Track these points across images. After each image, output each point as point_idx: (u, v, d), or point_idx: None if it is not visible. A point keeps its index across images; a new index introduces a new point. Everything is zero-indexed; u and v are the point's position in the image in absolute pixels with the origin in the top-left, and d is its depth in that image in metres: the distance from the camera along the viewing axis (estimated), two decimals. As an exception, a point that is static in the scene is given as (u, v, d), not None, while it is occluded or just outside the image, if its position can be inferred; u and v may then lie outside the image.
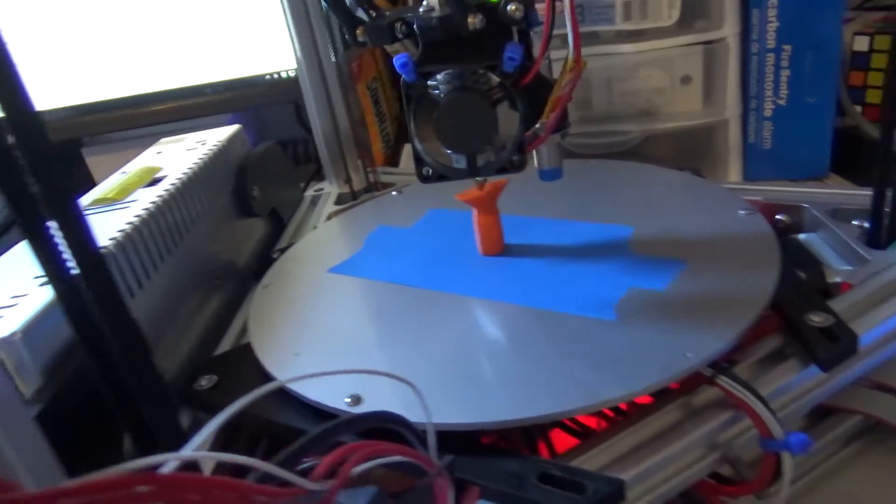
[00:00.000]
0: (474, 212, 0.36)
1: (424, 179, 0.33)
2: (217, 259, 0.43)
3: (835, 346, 0.27)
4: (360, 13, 0.31)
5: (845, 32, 0.57)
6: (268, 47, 0.66)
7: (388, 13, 0.31)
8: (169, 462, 0.12)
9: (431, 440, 0.20)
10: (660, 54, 0.54)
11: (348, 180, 0.58)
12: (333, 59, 0.56)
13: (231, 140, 0.48)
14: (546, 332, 0.30)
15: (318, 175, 0.63)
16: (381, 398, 0.26)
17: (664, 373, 0.25)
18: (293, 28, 0.53)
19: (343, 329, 0.33)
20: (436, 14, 0.29)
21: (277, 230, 0.52)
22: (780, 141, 0.56)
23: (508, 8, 0.28)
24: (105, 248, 0.31)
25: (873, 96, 0.57)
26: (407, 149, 0.73)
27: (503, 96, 0.30)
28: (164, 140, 0.49)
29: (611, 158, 0.55)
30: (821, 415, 0.32)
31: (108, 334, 0.19)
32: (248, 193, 0.46)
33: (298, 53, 0.54)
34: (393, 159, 0.73)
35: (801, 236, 0.39)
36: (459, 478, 0.23)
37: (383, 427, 0.21)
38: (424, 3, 0.30)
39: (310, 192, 0.58)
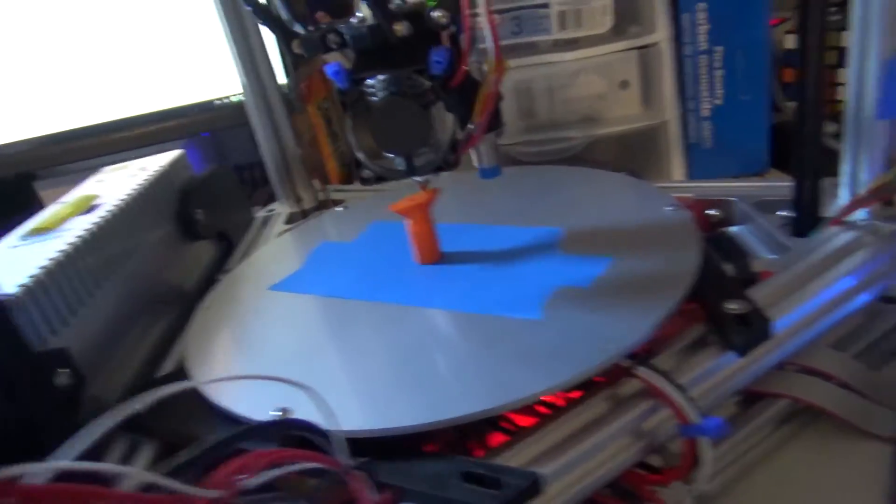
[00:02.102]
0: (409, 222, 0.37)
1: (365, 182, 0.34)
2: (163, 283, 0.44)
3: (749, 331, 0.28)
4: (298, 27, 0.32)
5: (778, 32, 0.59)
6: (217, 72, 0.67)
7: (324, 25, 0.32)
8: (36, 472, 0.13)
9: (338, 443, 0.21)
10: (597, 61, 0.55)
11: (298, 200, 0.58)
12: (284, 80, 0.57)
13: (173, 164, 0.48)
14: (474, 334, 0.30)
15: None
16: (311, 410, 0.27)
17: (584, 366, 0.26)
18: (235, 52, 0.53)
19: (277, 344, 0.34)
20: (366, 23, 0.30)
21: (227, 253, 0.52)
22: (720, 139, 0.58)
23: (434, 15, 0.29)
24: (34, 276, 0.31)
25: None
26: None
27: (435, 99, 0.31)
28: (107, 168, 0.49)
29: (556, 165, 0.56)
30: (752, 401, 0.33)
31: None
32: (192, 217, 0.46)
33: (242, 78, 0.55)
34: (350, 177, 0.74)
35: (733, 229, 0.41)
36: (382, 482, 0.24)
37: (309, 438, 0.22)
38: (358, 13, 0.31)
39: (261, 213, 0.58)
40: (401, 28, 0.29)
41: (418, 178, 0.35)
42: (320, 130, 0.72)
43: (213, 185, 0.51)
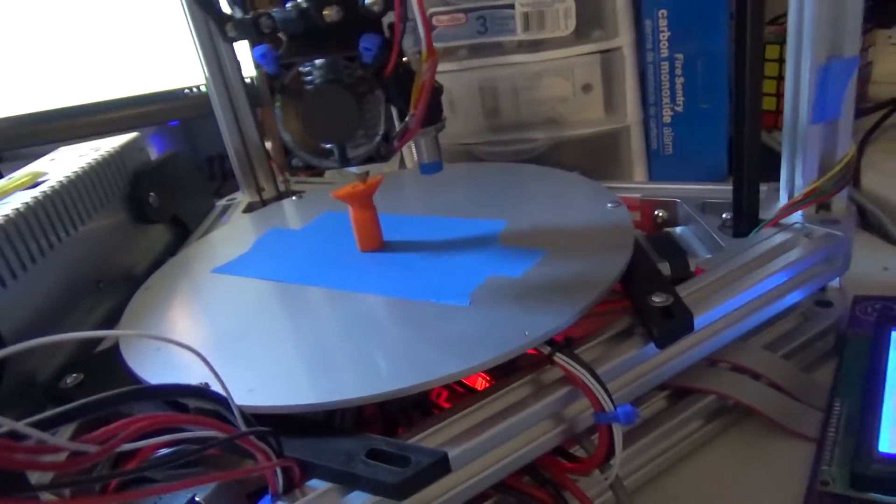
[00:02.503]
0: (350, 209, 0.37)
1: (293, 170, 0.34)
2: (112, 266, 0.43)
3: (670, 323, 0.29)
4: (237, 11, 0.32)
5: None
6: (187, 60, 0.67)
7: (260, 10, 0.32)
8: None
9: (235, 410, 0.21)
10: (560, 63, 0.56)
11: (260, 190, 0.58)
12: (253, 72, 0.57)
13: (127, 147, 0.48)
14: (402, 318, 0.31)
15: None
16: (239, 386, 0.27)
17: (501, 349, 0.26)
18: (198, 43, 0.54)
19: (208, 324, 0.34)
20: (297, 7, 0.30)
21: (183, 239, 0.52)
22: (681, 146, 0.58)
23: (367, 1, 0.29)
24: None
25: (765, 103, 0.60)
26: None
27: (369, 88, 0.31)
28: (62, 148, 0.49)
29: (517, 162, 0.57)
30: (681, 396, 0.33)
31: None
32: (144, 200, 0.46)
33: (205, 70, 0.55)
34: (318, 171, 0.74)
35: (677, 229, 0.41)
36: (290, 457, 0.24)
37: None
38: None
39: (221, 202, 0.58)
40: (330, 13, 0.29)
41: (353, 169, 0.35)
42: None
43: (168, 170, 0.51)
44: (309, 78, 0.31)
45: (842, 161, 0.36)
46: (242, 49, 0.56)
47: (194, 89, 0.69)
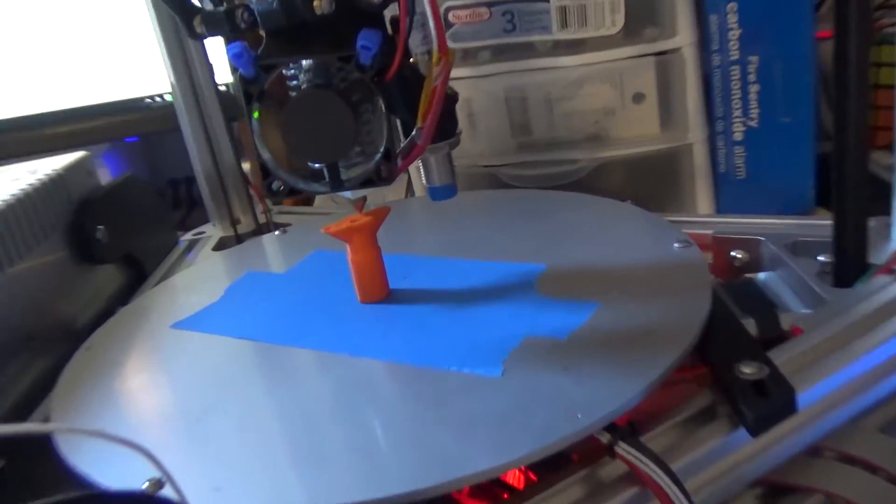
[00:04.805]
0: (348, 248, 0.36)
1: (274, 194, 0.33)
2: (48, 315, 0.42)
3: (766, 403, 0.27)
4: (207, 3, 0.31)
5: (829, 46, 0.59)
6: (147, 64, 0.67)
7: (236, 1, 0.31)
8: None
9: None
10: (606, 68, 0.55)
11: (235, 222, 0.58)
12: (228, 79, 0.57)
13: (72, 169, 0.47)
14: (415, 393, 0.29)
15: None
16: (197, 481, 0.25)
17: (546, 438, 0.25)
18: (162, 42, 0.53)
19: (169, 397, 0.33)
20: None
21: (138, 283, 0.51)
22: (756, 170, 0.57)
23: None
24: None
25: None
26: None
27: (367, 95, 0.30)
28: (-9, 170, 0.48)
29: (553, 189, 0.56)
30: (776, 495, 0.31)
31: None
32: (90, 235, 0.45)
33: (171, 76, 0.54)
34: (305, 196, 0.73)
35: (760, 276, 0.40)
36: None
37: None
38: None
39: (186, 237, 0.58)
40: (320, 4, 0.28)
41: (347, 195, 0.34)
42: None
43: (123, 198, 0.50)
44: (294, 83, 0.30)
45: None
46: (216, 49, 0.56)
47: (157, 98, 0.69)
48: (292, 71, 0.30)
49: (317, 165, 0.31)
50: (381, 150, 0.30)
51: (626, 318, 0.31)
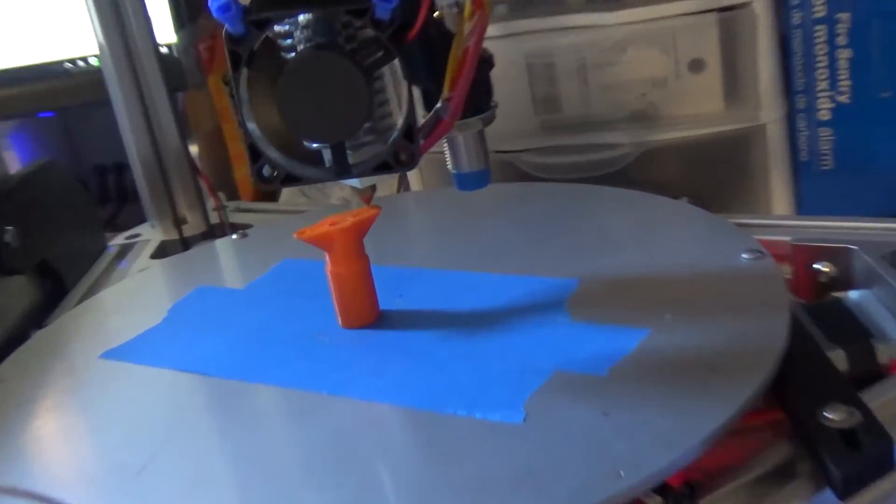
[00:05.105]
0: (327, 259, 0.36)
1: (266, 181, 0.33)
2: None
3: (857, 457, 0.27)
4: None
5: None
6: (68, 21, 0.68)
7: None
8: None
9: None
10: (655, 27, 0.56)
11: (180, 222, 0.58)
12: (172, 39, 0.57)
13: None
14: (415, 447, 0.30)
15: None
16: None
17: (579, 501, 0.25)
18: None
19: (97, 447, 0.33)
20: None
21: (56, 298, 0.51)
22: (846, 158, 0.58)
23: None
24: None
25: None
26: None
27: (383, 58, 0.31)
28: None
29: (588, 183, 0.56)
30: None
31: None
32: (-5, 238, 0.46)
33: (99, 34, 0.55)
34: (275, 191, 0.74)
35: (851, 294, 0.40)
36: None
37: None
38: None
39: (118, 240, 0.59)
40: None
41: (354, 183, 0.34)
42: (227, 118, 0.73)
43: (36, 189, 0.50)
44: (289, 41, 0.31)
45: None
46: (156, 3, 0.57)
47: (79, 63, 0.70)
48: (288, 27, 0.31)
49: (317, 145, 0.32)
50: (399, 126, 0.31)
51: (681, 350, 0.32)
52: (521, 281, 0.39)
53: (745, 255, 0.37)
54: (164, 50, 0.59)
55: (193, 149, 0.64)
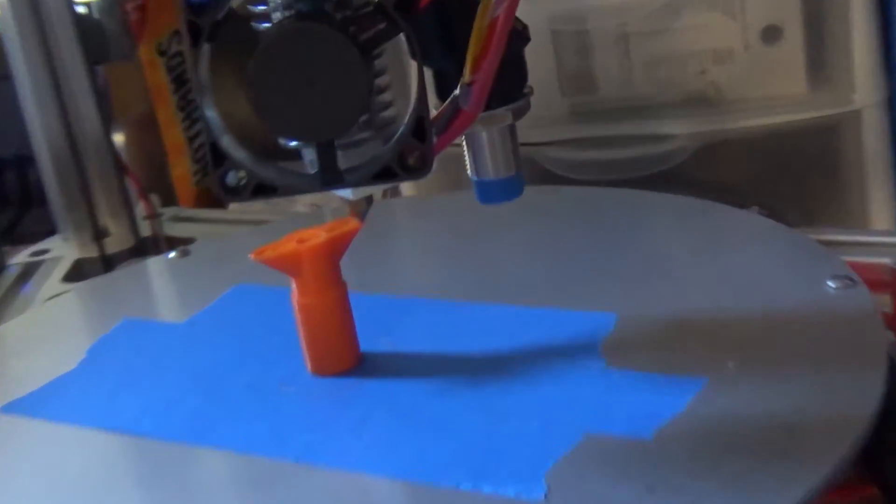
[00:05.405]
0: (293, 286, 0.37)
1: (231, 192, 0.33)
2: None
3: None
4: None
5: None
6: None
7: None
8: None
9: None
10: (717, -15, 0.56)
11: (99, 235, 0.58)
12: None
13: None
14: None
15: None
16: None
17: None
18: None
19: None
20: None
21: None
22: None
23: None
24: None
25: None
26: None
27: (384, 31, 0.31)
28: None
29: (630, 186, 0.57)
30: None
31: None
32: None
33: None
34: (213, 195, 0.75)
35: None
36: None
37: None
38: None
39: (20, 258, 0.59)
40: None
41: (345, 194, 0.34)
42: (163, 99, 0.73)
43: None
44: (263, 7, 0.31)
45: None
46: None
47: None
48: None
49: (296, 144, 0.31)
50: (406, 120, 0.31)
51: (746, 407, 0.32)
52: (543, 315, 0.39)
53: (830, 283, 0.37)
54: (81, 10, 0.59)
55: (119, 139, 0.65)
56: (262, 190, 0.32)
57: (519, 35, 0.33)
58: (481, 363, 0.37)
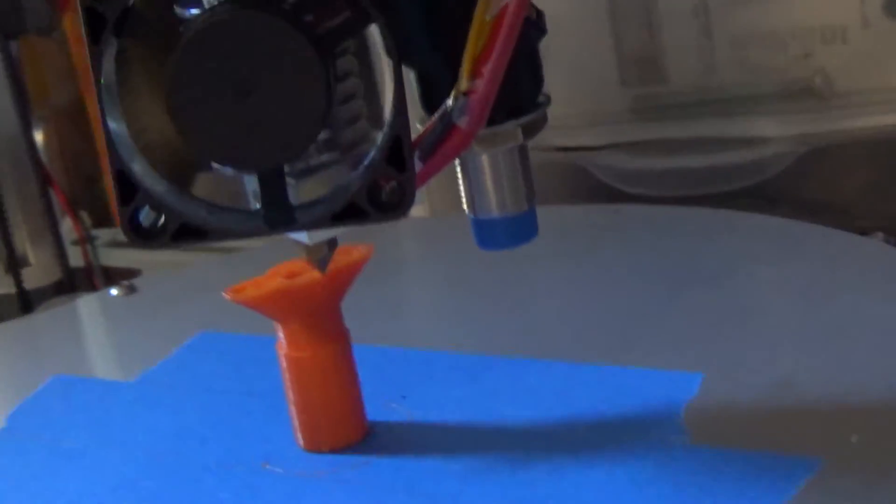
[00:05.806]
0: (280, 333, 0.37)
1: (144, 235, 0.32)
2: None
3: None
4: None
5: None
6: None
7: None
8: None
9: None
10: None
11: (17, 264, 0.59)
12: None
13: None
14: None
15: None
16: None
17: None
18: None
19: None
20: None
21: None
22: None
23: None
24: None
25: None
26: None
27: (349, 21, 0.31)
28: None
29: (711, 204, 0.57)
30: None
31: None
32: None
33: None
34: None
35: None
36: None
37: None
38: None
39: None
40: None
41: (299, 237, 0.34)
42: (90, 91, 0.74)
43: None
44: None
45: None
46: None
47: None
48: None
49: (232, 170, 0.31)
50: (380, 140, 0.31)
51: (873, 492, 0.32)
52: (603, 374, 0.39)
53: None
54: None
55: (39, 137, 0.65)
56: (186, 233, 0.31)
57: (533, 25, 0.33)
58: (522, 437, 0.37)
